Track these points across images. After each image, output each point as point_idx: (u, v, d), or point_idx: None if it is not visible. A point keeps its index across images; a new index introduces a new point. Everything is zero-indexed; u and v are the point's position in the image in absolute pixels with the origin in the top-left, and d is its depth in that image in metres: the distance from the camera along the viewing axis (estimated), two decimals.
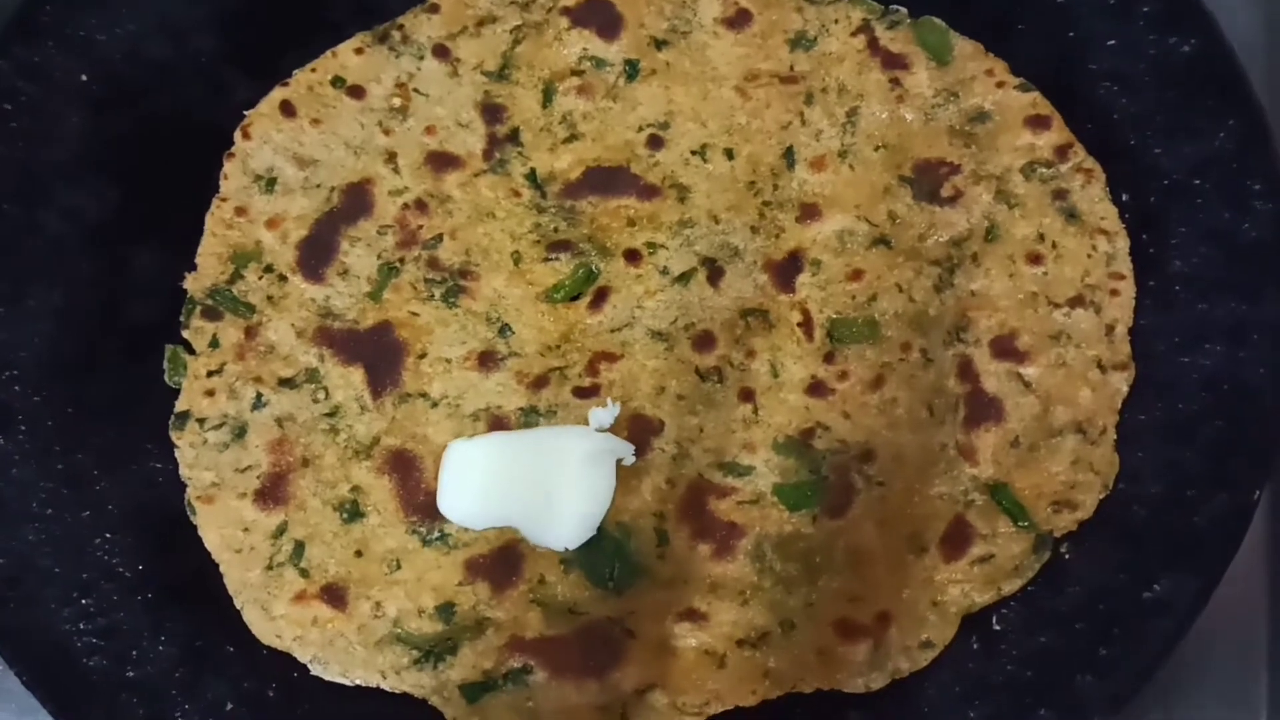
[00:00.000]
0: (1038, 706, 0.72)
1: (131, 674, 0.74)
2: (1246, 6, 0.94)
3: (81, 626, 0.74)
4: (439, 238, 0.84)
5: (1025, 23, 0.86)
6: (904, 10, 0.88)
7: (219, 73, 0.87)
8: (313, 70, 0.88)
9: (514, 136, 0.87)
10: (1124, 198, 0.82)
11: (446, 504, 0.78)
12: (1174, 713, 0.83)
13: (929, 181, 0.84)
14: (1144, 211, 0.82)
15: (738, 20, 0.88)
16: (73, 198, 0.82)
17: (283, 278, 0.83)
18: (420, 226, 0.85)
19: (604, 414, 0.79)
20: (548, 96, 0.88)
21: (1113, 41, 0.83)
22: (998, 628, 0.76)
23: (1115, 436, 0.78)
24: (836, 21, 0.88)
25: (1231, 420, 0.75)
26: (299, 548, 0.77)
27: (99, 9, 0.84)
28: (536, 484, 0.77)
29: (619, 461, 0.78)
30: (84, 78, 0.83)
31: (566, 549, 0.76)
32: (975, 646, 0.76)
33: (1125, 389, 0.79)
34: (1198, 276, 0.79)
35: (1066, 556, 0.76)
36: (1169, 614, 0.71)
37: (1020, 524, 0.76)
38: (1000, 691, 0.73)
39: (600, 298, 0.83)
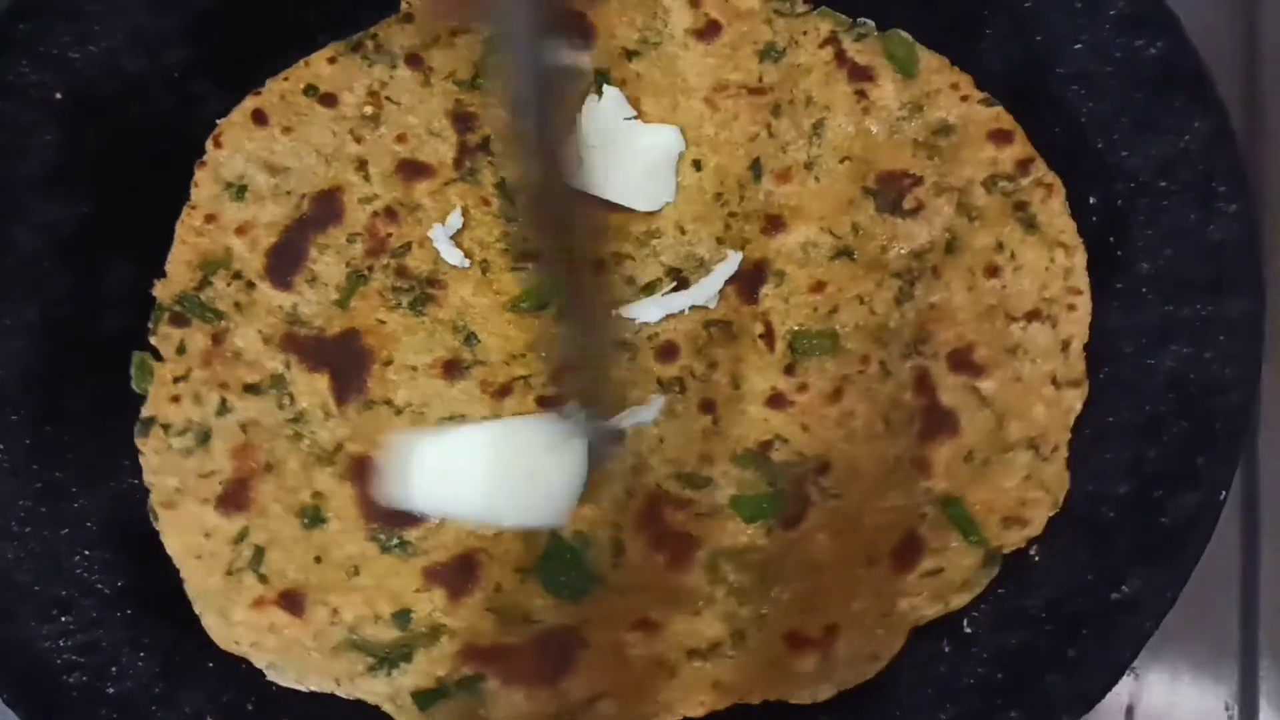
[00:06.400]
0: (1008, 708, 0.72)
1: (111, 690, 0.75)
2: (1213, 8, 0.95)
3: (61, 643, 0.75)
4: (408, 246, 0.85)
5: (993, 26, 0.85)
6: (871, 23, 0.87)
7: (191, 84, 0.86)
8: (285, 79, 0.87)
9: (485, 145, 0.87)
10: (1091, 201, 0.82)
11: (411, 497, 0.75)
12: (1142, 709, 0.84)
13: (892, 193, 0.84)
14: (1110, 213, 0.81)
15: (708, 31, 0.88)
16: (47, 212, 0.82)
17: (251, 285, 0.84)
18: (389, 234, 0.85)
19: None
20: None
21: (1079, 45, 0.83)
22: (968, 630, 0.76)
23: (1067, 454, 0.78)
24: (805, 34, 0.87)
25: (1197, 420, 0.75)
26: (259, 553, 0.78)
27: (73, 25, 0.83)
28: (507, 470, 0.76)
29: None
30: (58, 95, 0.83)
31: (544, 529, 0.76)
32: (946, 649, 0.76)
33: (1079, 406, 0.78)
34: (1163, 277, 0.79)
35: (1035, 558, 0.77)
36: (1138, 613, 0.72)
37: (970, 538, 0.77)
38: (971, 693, 0.74)
39: None
